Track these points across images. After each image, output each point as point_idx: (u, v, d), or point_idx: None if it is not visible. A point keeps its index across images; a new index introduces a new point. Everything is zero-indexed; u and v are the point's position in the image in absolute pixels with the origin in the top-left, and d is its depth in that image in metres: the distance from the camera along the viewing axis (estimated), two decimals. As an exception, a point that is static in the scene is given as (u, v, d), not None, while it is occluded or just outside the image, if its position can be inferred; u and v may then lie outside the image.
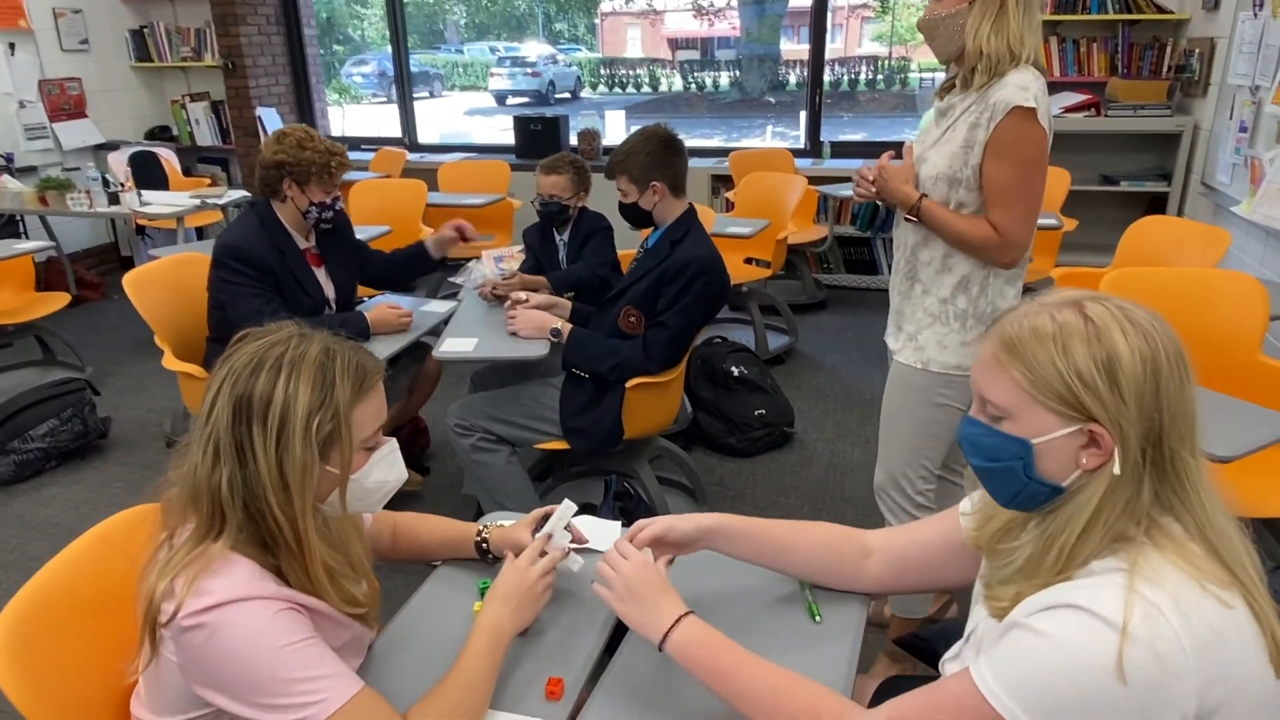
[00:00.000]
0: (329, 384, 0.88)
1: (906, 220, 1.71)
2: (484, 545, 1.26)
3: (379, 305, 2.56)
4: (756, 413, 3.24)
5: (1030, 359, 0.81)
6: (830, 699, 0.88)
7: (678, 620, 0.95)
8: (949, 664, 0.98)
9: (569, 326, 2.29)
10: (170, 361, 2.51)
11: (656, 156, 2.19)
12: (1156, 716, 0.72)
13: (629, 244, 3.08)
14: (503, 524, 1.28)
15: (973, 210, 1.65)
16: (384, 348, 2.45)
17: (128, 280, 2.57)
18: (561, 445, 2.31)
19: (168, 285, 2.65)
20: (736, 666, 0.92)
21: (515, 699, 1.03)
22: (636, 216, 2.34)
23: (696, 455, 3.15)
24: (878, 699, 1.10)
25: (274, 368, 0.87)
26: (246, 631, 0.84)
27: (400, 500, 0.96)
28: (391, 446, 1.00)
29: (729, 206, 4.71)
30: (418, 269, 2.68)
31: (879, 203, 1.76)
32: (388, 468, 1.00)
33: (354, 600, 0.99)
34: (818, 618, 1.14)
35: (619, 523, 1.43)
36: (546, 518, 1.23)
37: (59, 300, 3.82)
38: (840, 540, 1.16)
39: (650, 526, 1.13)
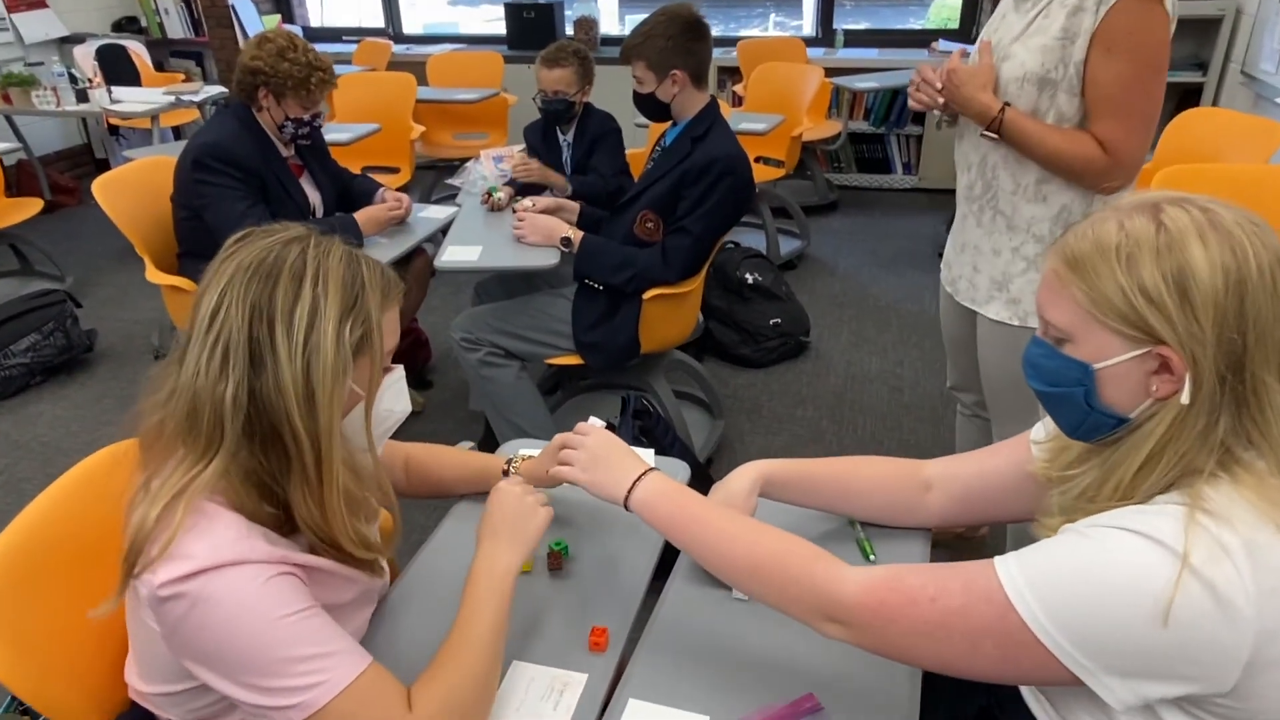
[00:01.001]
0: (360, 285, 0.83)
1: (985, 136, 1.44)
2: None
3: (364, 209, 2.40)
4: (772, 321, 3.15)
5: (1091, 275, 0.75)
6: (803, 547, 0.85)
7: (640, 476, 0.94)
8: None
9: (580, 234, 2.17)
10: (154, 274, 2.36)
11: (678, 42, 2.00)
12: (1194, 658, 0.68)
13: (632, 142, 2.93)
14: (530, 454, 1.21)
15: (1073, 122, 1.39)
16: (380, 254, 2.32)
17: (97, 186, 2.39)
18: (574, 360, 2.24)
19: (143, 190, 2.46)
20: (702, 516, 0.90)
21: (558, 653, 0.99)
22: (653, 109, 2.16)
23: (709, 366, 3.12)
24: None
25: (298, 262, 0.81)
26: (233, 603, 0.77)
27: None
28: (399, 374, 0.94)
29: (737, 101, 4.45)
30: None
31: (937, 112, 1.48)
32: (395, 397, 0.94)
33: (366, 542, 0.92)
34: (871, 556, 1.11)
35: (650, 451, 1.34)
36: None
37: (32, 206, 3.64)
38: (899, 476, 1.11)
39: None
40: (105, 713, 0.95)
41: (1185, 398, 0.73)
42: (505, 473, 1.20)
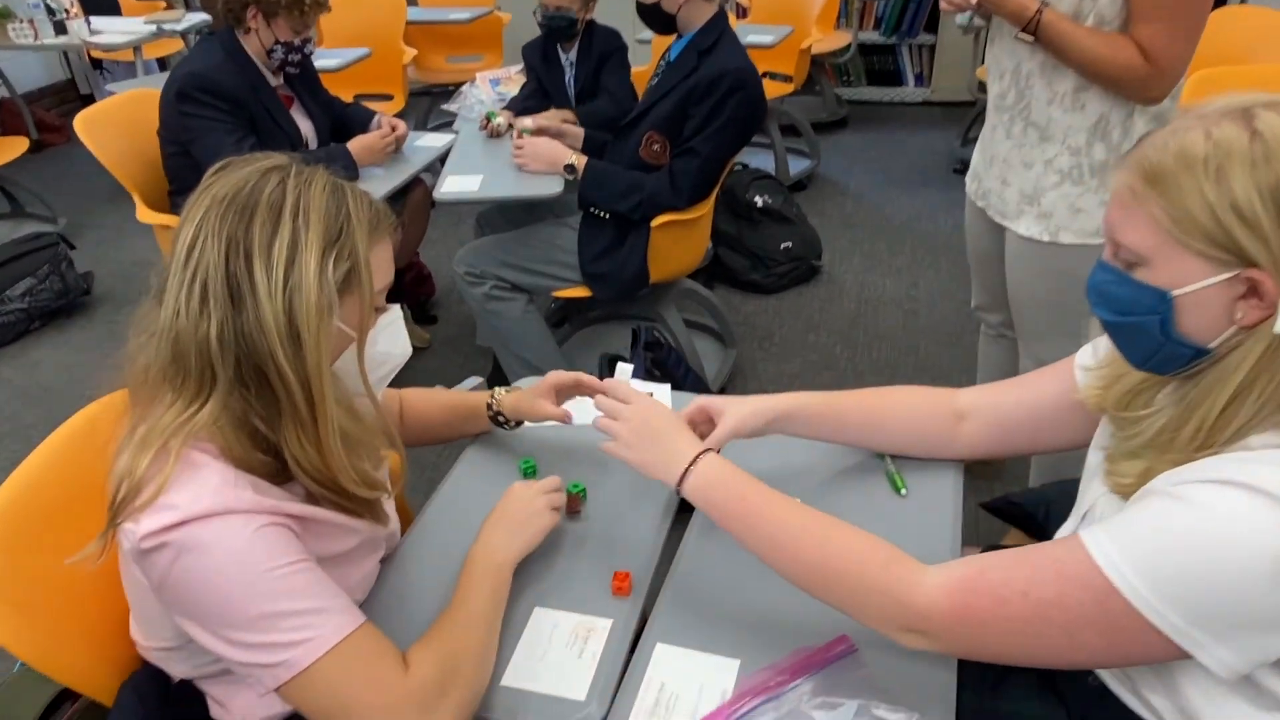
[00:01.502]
0: (344, 215, 0.79)
1: (1020, 39, 1.37)
2: (499, 416, 1.18)
3: (358, 137, 2.29)
4: (782, 246, 3.08)
5: (1173, 190, 0.69)
6: (875, 548, 0.79)
7: (695, 458, 0.89)
8: None
9: (584, 159, 2.09)
10: (145, 214, 2.28)
11: None
12: None
13: (635, 60, 2.82)
14: (516, 388, 1.20)
15: (1113, 26, 1.31)
16: (377, 186, 2.23)
17: (79, 122, 2.29)
18: (582, 292, 2.20)
19: (128, 125, 2.36)
20: (764, 509, 0.85)
21: (580, 598, 0.98)
22: (658, 20, 2.05)
23: (719, 294, 3.06)
24: None
25: (276, 193, 0.77)
26: (218, 554, 0.74)
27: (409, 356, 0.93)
28: (395, 315, 0.90)
29: (741, 13, 4.24)
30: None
31: (968, 13, 1.39)
32: (392, 339, 0.90)
33: (369, 479, 0.88)
34: (902, 490, 1.09)
35: (667, 386, 1.31)
36: (563, 391, 1.15)
37: (18, 146, 3.54)
38: (931, 407, 1.08)
39: (717, 431, 1.03)
40: (118, 671, 0.93)
41: (1279, 326, 0.67)
42: (493, 411, 1.18)
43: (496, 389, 1.20)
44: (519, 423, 1.20)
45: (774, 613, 0.93)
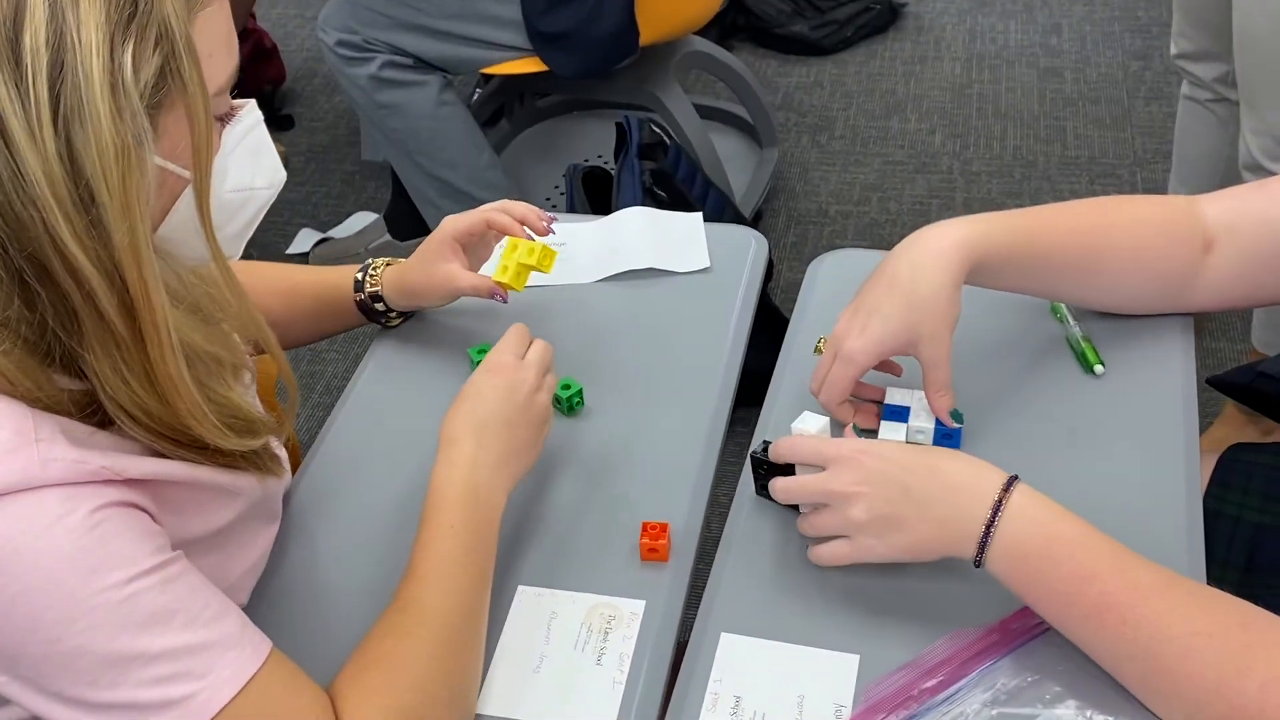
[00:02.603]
0: None
1: None
2: (378, 304, 1.21)
3: None
4: (843, -23, 3.08)
5: None
6: None
7: (998, 508, 0.87)
8: None
9: None
10: None
11: None
12: None
13: None
14: (394, 261, 1.22)
15: None
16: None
17: None
18: (530, 66, 2.20)
19: None
20: (1129, 597, 0.83)
21: (593, 567, 1.01)
22: None
23: (746, 58, 3.03)
24: (1221, 482, 1.17)
25: None
26: (27, 561, 0.73)
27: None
28: (250, 119, 0.91)
29: None
30: None
31: None
32: (251, 159, 0.91)
33: (246, 416, 0.90)
34: (1098, 366, 1.10)
35: (697, 215, 1.35)
36: (472, 239, 1.18)
37: None
38: (1167, 229, 1.08)
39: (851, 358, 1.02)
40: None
41: None
42: (358, 287, 1.20)
43: (374, 262, 1.22)
44: (409, 314, 1.24)
45: (896, 579, 0.95)
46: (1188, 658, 0.79)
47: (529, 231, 1.15)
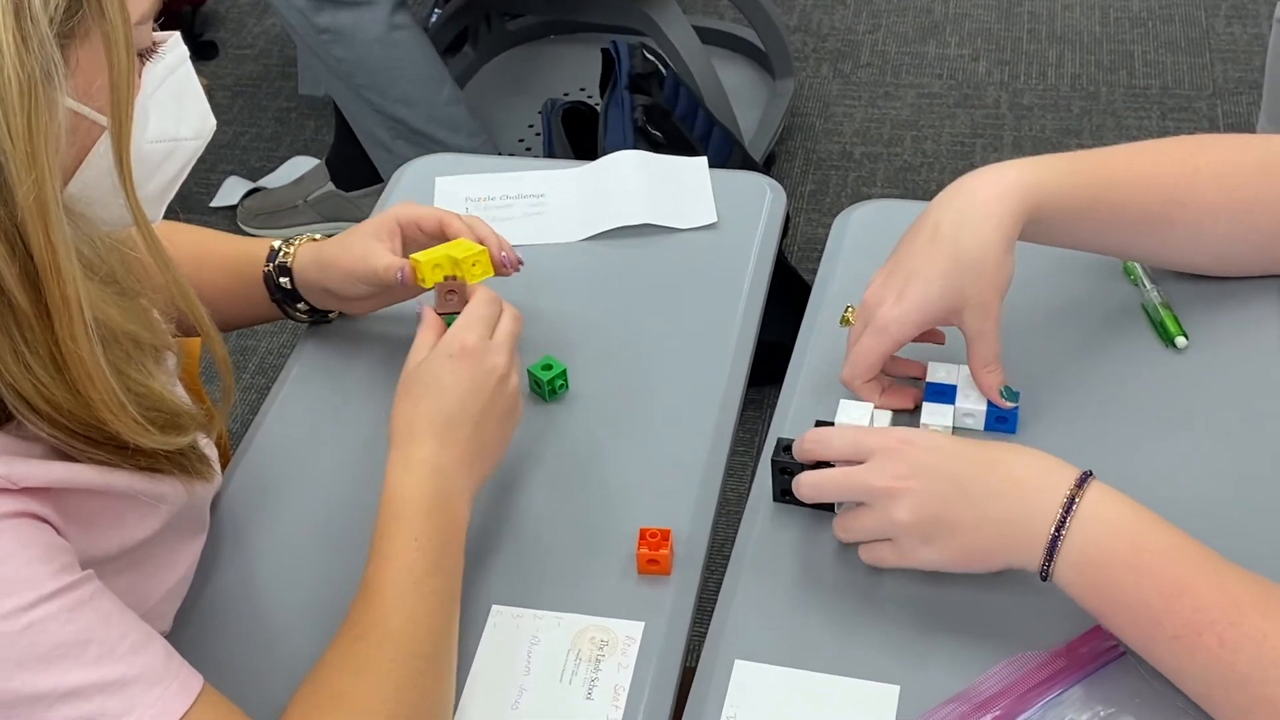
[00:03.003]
0: None
1: None
2: (282, 275, 1.20)
3: None
4: None
5: None
6: None
7: (1069, 507, 0.87)
8: None
9: None
10: None
11: None
12: None
13: None
14: (313, 236, 1.21)
15: None
16: None
17: None
18: None
19: None
20: (1240, 625, 0.82)
21: (581, 582, 1.01)
22: None
23: None
24: None
25: None
26: None
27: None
28: (176, 55, 0.91)
29: None
30: None
31: None
32: (175, 102, 0.91)
33: (170, 409, 0.90)
34: (1179, 338, 1.11)
35: (702, 160, 1.35)
36: (414, 230, 1.17)
37: None
38: (1265, 167, 1.08)
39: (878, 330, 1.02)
40: None
41: None
42: (272, 257, 1.19)
43: (301, 238, 1.20)
44: (325, 312, 1.22)
45: (944, 592, 0.96)
46: None
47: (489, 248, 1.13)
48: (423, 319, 1.07)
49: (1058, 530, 0.86)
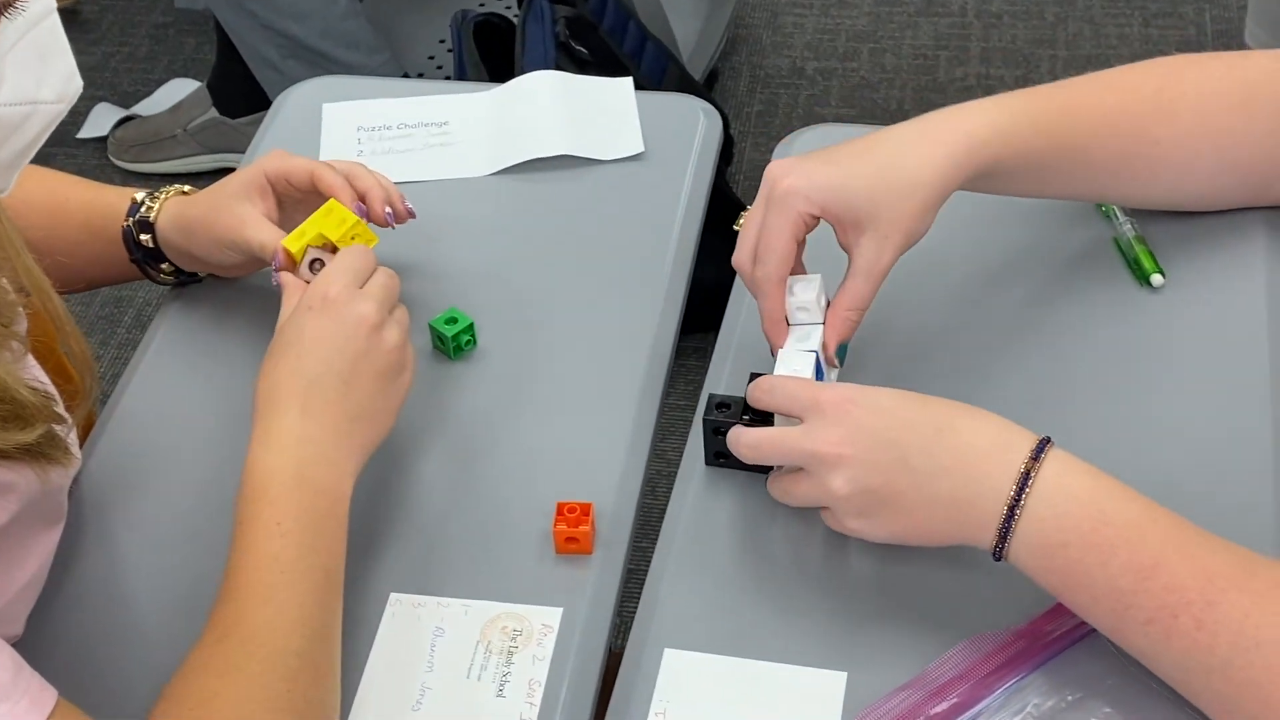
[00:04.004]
0: None
1: None
2: (144, 232, 1.19)
3: None
4: None
5: None
6: None
7: (1024, 482, 0.87)
8: None
9: None
10: None
11: None
12: None
13: None
14: (183, 188, 1.21)
15: None
16: None
17: None
18: None
19: None
20: (1219, 604, 0.83)
21: (491, 565, 1.01)
22: None
23: None
24: None
25: None
26: None
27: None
28: (42, 6, 0.89)
29: None
30: None
31: None
32: (38, 60, 0.90)
33: (8, 395, 0.89)
34: (1155, 276, 1.12)
35: (627, 80, 1.37)
36: (290, 185, 1.16)
37: None
38: (1249, 94, 1.09)
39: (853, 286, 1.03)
40: None
41: None
42: (133, 210, 1.18)
43: (169, 190, 1.19)
44: (191, 274, 1.22)
45: (895, 568, 0.97)
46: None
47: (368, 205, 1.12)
48: (284, 286, 1.06)
49: (1011, 511, 0.87)
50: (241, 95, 2.43)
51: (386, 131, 1.31)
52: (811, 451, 0.91)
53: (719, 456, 1.00)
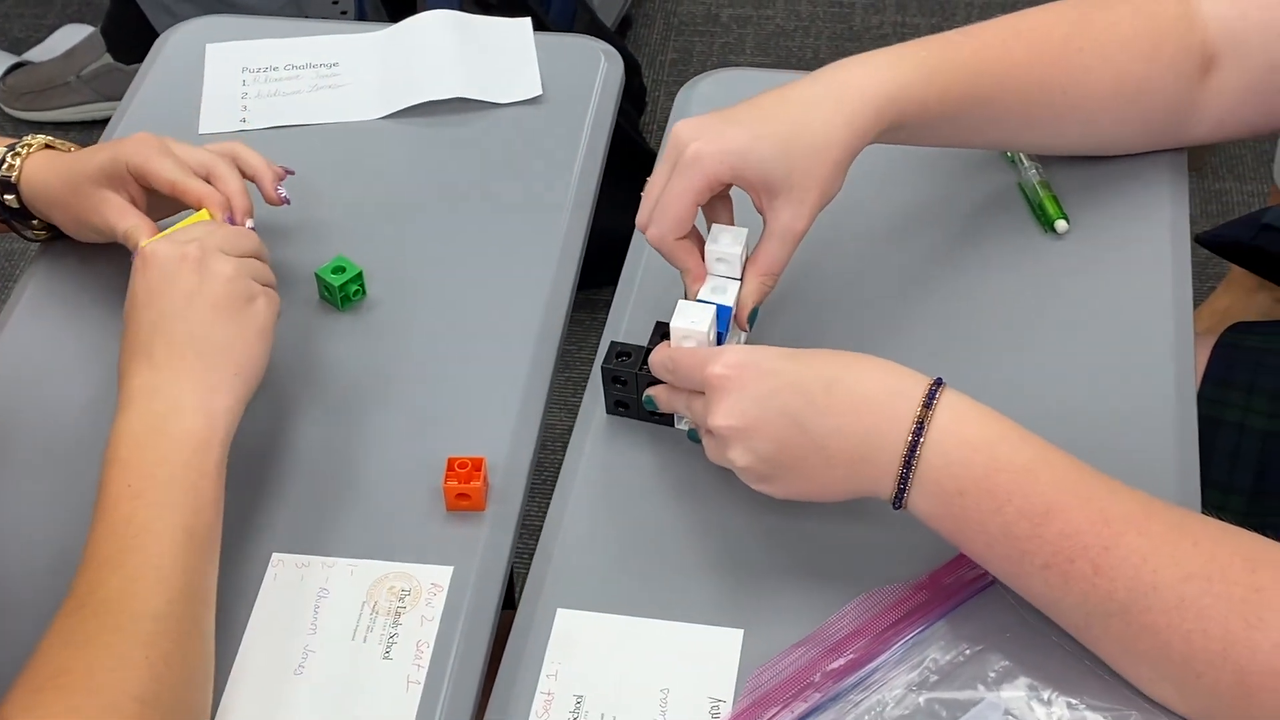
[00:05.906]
0: None
1: None
2: (7, 192, 1.16)
3: None
4: None
5: None
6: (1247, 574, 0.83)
7: (919, 429, 0.88)
8: None
9: None
10: None
11: None
12: None
13: None
14: (56, 145, 1.18)
15: None
16: None
17: None
18: None
19: None
20: (1115, 548, 0.84)
21: (376, 522, 1.01)
22: None
23: None
24: (1219, 379, 1.24)
25: None
26: None
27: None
28: None
29: None
30: None
31: None
32: None
33: None
34: (1059, 221, 1.13)
35: (526, 21, 1.35)
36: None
37: None
38: (1155, 43, 1.10)
39: (767, 250, 1.02)
40: None
41: None
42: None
43: (35, 138, 1.17)
44: (57, 232, 1.20)
45: (791, 522, 0.97)
46: (1180, 611, 0.80)
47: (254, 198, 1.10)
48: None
49: (907, 461, 0.87)
50: (137, 40, 2.35)
51: (273, 73, 1.29)
52: (709, 426, 0.92)
53: (619, 405, 1.00)
